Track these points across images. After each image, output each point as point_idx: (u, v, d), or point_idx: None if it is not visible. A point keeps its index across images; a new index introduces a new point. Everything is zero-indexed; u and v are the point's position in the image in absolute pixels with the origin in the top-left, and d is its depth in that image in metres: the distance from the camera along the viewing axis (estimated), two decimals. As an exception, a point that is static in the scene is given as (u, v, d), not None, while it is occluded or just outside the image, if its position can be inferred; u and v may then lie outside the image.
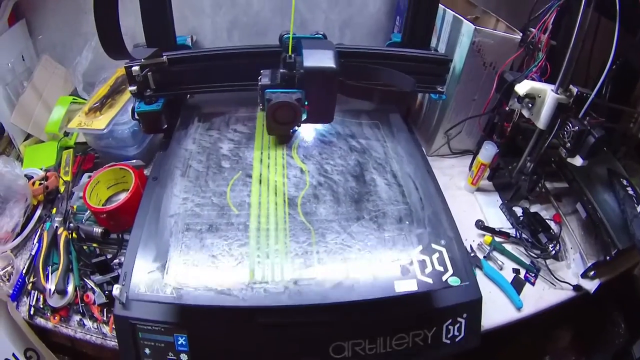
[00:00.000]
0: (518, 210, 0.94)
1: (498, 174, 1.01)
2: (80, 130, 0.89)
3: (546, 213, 0.94)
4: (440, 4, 0.90)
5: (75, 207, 0.87)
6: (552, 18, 0.78)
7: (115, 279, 0.76)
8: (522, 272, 0.84)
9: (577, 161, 0.78)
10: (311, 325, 0.62)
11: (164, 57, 0.81)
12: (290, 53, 0.77)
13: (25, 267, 0.78)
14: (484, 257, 0.86)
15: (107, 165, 0.88)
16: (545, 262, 0.83)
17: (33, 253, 0.80)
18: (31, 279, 0.77)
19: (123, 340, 0.67)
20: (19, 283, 0.75)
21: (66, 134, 0.99)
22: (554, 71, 0.80)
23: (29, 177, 0.86)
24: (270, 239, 0.65)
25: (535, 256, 0.84)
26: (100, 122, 0.88)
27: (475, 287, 0.65)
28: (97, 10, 0.61)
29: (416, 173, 0.79)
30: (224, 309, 0.58)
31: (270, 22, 1.22)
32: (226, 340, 0.67)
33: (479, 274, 0.83)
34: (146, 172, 0.93)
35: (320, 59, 0.76)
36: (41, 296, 0.75)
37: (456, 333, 0.66)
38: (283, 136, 0.82)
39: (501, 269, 0.84)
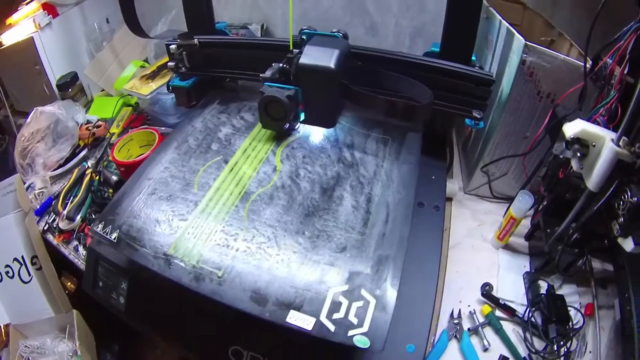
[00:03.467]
0: (543, 286, 0.71)
1: (537, 234, 0.78)
2: (129, 92, 1.03)
3: (579, 299, 0.69)
4: (496, 13, 0.74)
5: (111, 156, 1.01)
6: (630, 44, 0.55)
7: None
8: (510, 365, 0.63)
9: (628, 245, 0.55)
10: (200, 313, 0.64)
11: (195, 39, 0.87)
12: (291, 48, 0.74)
13: (56, 194, 0.94)
14: (469, 329, 0.68)
15: (141, 127, 0.99)
16: (542, 363, 0.61)
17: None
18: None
19: (88, 269, 0.78)
20: (45, 203, 0.92)
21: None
22: (624, 116, 0.57)
23: (88, 122, 1.04)
24: (207, 222, 0.64)
25: (534, 350, 0.63)
26: (147, 89, 1.00)
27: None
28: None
29: (397, 206, 0.66)
30: (145, 269, 0.60)
31: (339, 19, 1.21)
32: (149, 298, 0.71)
33: (451, 347, 0.67)
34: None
35: (318, 57, 0.70)
36: (57, 218, 0.91)
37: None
38: (278, 132, 0.80)
39: (485, 350, 0.66)
